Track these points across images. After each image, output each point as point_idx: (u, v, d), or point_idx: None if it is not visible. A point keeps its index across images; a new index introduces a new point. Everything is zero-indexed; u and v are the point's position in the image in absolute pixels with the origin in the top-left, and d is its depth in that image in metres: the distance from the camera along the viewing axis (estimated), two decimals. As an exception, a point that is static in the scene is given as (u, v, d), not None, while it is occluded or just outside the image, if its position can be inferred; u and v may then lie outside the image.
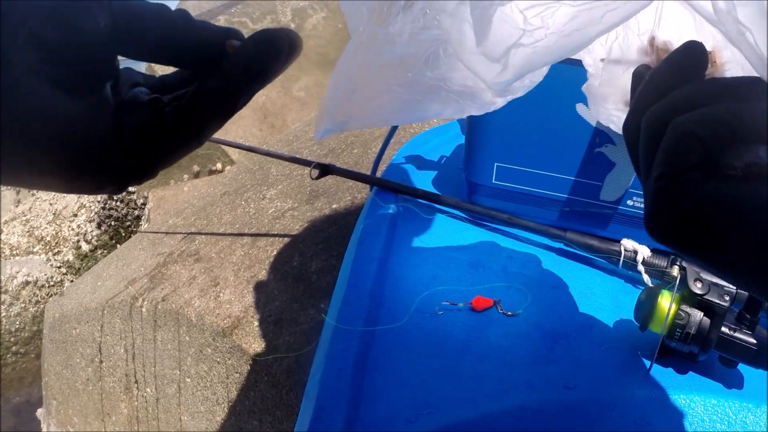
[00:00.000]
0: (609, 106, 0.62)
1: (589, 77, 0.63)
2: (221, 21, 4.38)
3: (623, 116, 0.49)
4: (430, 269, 0.89)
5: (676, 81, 0.40)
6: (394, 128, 1.13)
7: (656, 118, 0.39)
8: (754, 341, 0.70)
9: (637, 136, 0.42)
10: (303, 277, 1.54)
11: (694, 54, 0.41)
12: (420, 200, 1.03)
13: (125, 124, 0.39)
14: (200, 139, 0.42)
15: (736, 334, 0.71)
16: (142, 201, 4.60)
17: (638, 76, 0.49)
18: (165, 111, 0.40)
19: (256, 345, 1.42)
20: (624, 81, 0.57)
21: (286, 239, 1.75)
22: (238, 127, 3.92)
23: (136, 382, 1.95)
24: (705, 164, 0.35)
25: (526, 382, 0.71)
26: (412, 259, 0.91)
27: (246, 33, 0.41)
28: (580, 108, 0.87)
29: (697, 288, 0.72)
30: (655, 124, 0.39)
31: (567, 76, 0.86)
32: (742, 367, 0.73)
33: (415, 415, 0.67)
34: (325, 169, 1.13)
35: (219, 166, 3.90)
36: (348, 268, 0.90)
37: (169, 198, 3.75)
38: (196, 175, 4.04)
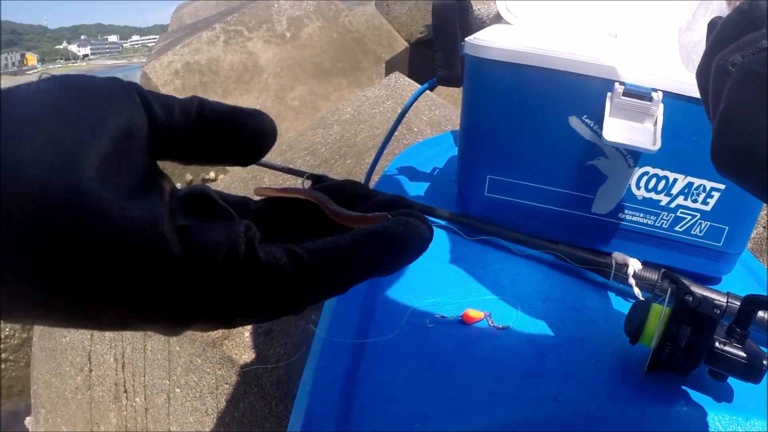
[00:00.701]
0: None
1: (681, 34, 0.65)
2: (217, 29, 4.38)
3: None
4: (421, 282, 0.88)
5: (744, 28, 0.42)
6: (387, 139, 1.13)
7: (725, 61, 0.41)
8: (744, 354, 0.70)
9: (708, 80, 0.43)
10: (295, 288, 1.53)
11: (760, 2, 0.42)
12: (412, 212, 1.02)
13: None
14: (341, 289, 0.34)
15: (726, 348, 0.71)
16: (134, 209, 4.60)
17: (712, 25, 0.50)
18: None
19: (246, 356, 1.41)
20: None
21: (279, 249, 1.74)
22: (232, 136, 3.92)
23: (126, 391, 1.94)
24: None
25: (516, 395, 0.71)
26: (403, 271, 0.91)
27: (242, 41, 0.40)
28: (572, 121, 0.88)
29: (687, 302, 0.72)
30: (724, 67, 0.41)
31: (560, 88, 0.86)
32: (732, 381, 0.73)
33: (406, 429, 0.66)
34: (318, 180, 1.12)
35: (212, 174, 3.89)
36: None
37: (161, 207, 3.74)
38: (189, 184, 4.03)
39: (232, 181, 2.39)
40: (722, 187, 0.89)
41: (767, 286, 1.06)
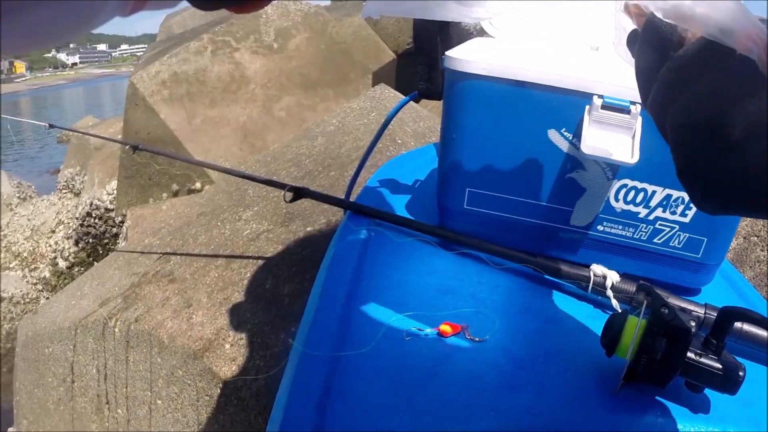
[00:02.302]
0: None
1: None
2: (205, 39, 4.38)
3: None
4: (400, 294, 0.88)
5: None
6: (368, 152, 1.13)
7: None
8: (720, 366, 0.71)
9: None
10: (275, 300, 1.54)
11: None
12: (392, 225, 1.02)
13: None
14: None
15: (702, 359, 0.71)
16: (120, 219, 4.59)
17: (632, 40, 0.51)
18: None
19: (226, 368, 1.41)
20: None
21: (260, 261, 1.75)
22: (219, 147, 3.92)
23: (108, 402, 1.93)
24: None
25: (492, 408, 0.71)
26: (381, 284, 0.91)
27: (229, 52, 0.40)
28: (551, 134, 0.88)
29: (663, 314, 0.72)
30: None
31: (539, 102, 0.87)
32: (708, 392, 0.73)
33: (381, 443, 0.66)
34: (298, 193, 1.13)
35: (198, 185, 3.89)
36: (317, 292, 0.89)
37: (147, 216, 3.74)
38: (175, 194, 4.03)
39: (216, 192, 2.39)
40: (700, 199, 0.90)
41: (747, 296, 1.07)
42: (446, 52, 0.91)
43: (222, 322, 1.55)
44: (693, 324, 0.71)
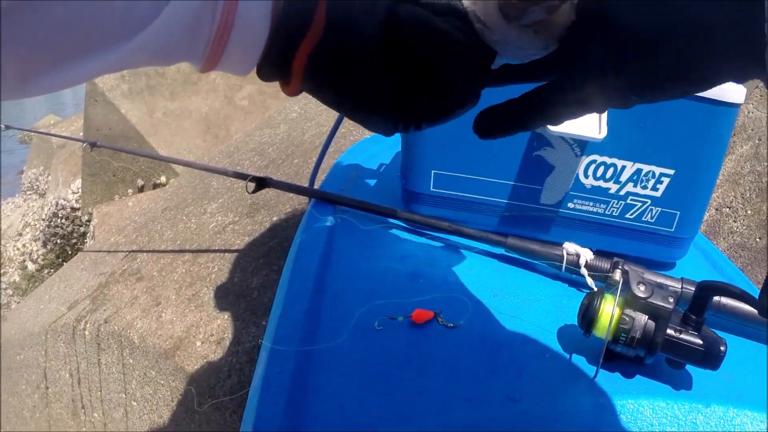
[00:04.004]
0: None
1: None
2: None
3: None
4: (369, 283, 0.86)
5: None
6: (330, 137, 1.11)
7: None
8: (701, 342, 0.69)
9: None
10: (244, 293, 1.51)
11: None
12: (358, 211, 1.00)
13: None
14: None
15: (682, 336, 0.70)
16: (86, 217, 4.53)
17: None
18: None
19: (199, 366, 1.38)
20: None
21: (227, 254, 1.72)
22: (182, 139, 3.87)
23: (83, 407, 1.90)
24: None
25: (468, 395, 0.69)
26: (350, 272, 0.88)
27: None
28: (516, 111, 0.86)
29: (640, 291, 0.70)
30: None
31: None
32: (690, 368, 0.72)
33: (356, 438, 0.64)
34: (261, 183, 1.10)
35: (163, 179, 3.84)
36: (284, 285, 0.87)
37: (113, 214, 3.68)
38: (141, 189, 3.98)
39: (181, 186, 2.36)
40: (672, 172, 0.88)
41: (722, 268, 1.06)
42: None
43: (192, 318, 1.52)
44: (671, 300, 0.70)
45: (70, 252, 5.35)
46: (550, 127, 0.82)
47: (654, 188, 0.90)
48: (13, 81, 0.35)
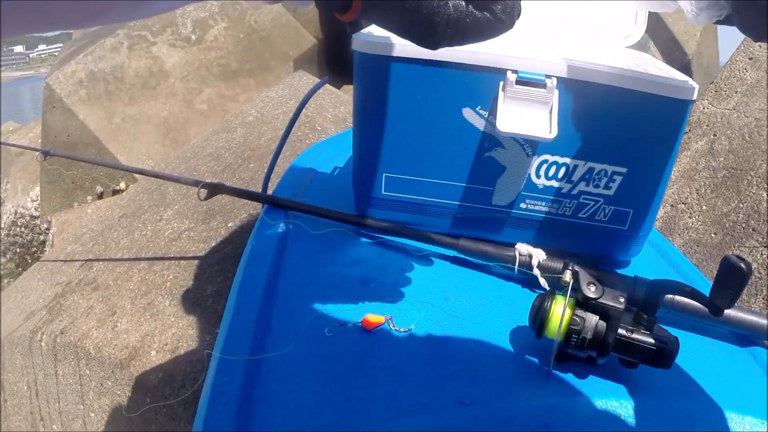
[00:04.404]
0: None
1: None
2: (120, 35, 4.27)
3: None
4: (320, 289, 0.85)
5: None
6: (282, 142, 1.09)
7: None
8: (653, 341, 0.69)
9: None
10: (199, 301, 1.50)
11: None
12: (311, 216, 0.99)
13: None
14: None
15: (634, 335, 0.70)
16: (45, 226, 4.46)
17: None
18: None
19: (153, 376, 1.37)
20: None
21: (183, 262, 1.70)
22: (141, 144, 3.83)
23: (42, 419, 1.87)
24: None
25: (420, 401, 0.68)
26: (301, 279, 0.87)
27: (146, 46, 0.40)
28: (466, 113, 0.85)
29: (590, 292, 0.70)
30: None
31: (452, 80, 0.84)
32: (644, 367, 0.72)
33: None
34: (214, 189, 1.08)
35: (122, 185, 3.80)
36: (234, 294, 0.85)
37: (72, 221, 3.63)
38: (100, 196, 3.92)
39: (137, 192, 2.33)
40: (624, 170, 0.88)
41: (677, 265, 1.06)
42: (354, 35, 0.88)
43: (147, 328, 1.50)
44: (622, 300, 0.70)
45: (30, 261, 5.27)
46: (500, 128, 0.81)
47: (606, 187, 0.90)
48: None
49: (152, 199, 2.17)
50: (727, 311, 0.85)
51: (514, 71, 0.82)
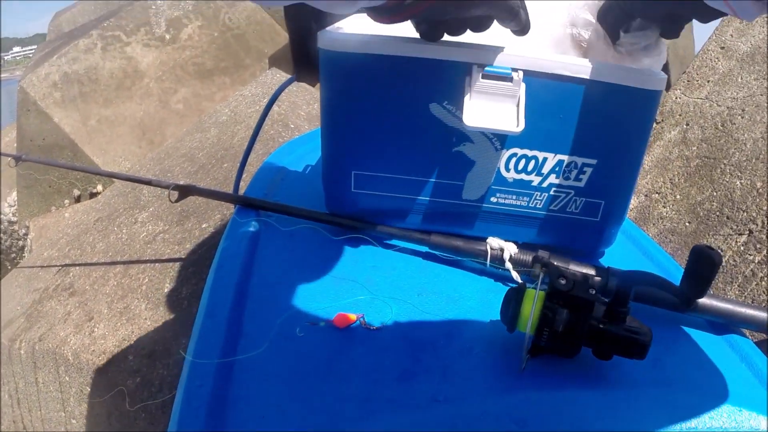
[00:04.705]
0: None
1: None
2: (94, 36, 4.23)
3: None
4: (292, 288, 0.84)
5: None
6: (251, 141, 1.09)
7: None
8: (625, 332, 0.69)
9: None
10: (175, 304, 1.49)
11: None
12: (282, 215, 0.98)
13: None
14: None
15: (606, 327, 0.70)
16: (24, 231, 4.41)
17: None
18: None
19: (131, 381, 1.36)
20: None
21: (158, 265, 1.69)
22: (117, 146, 3.80)
23: (24, 427, 1.86)
24: None
25: (392, 399, 0.68)
26: (272, 279, 0.87)
27: (120, 47, 0.38)
28: (433, 108, 0.85)
29: (560, 284, 0.70)
30: None
31: (418, 75, 0.83)
32: (619, 358, 0.72)
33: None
34: (184, 191, 1.07)
35: (100, 188, 3.77)
36: (206, 296, 0.85)
37: (50, 226, 3.61)
38: (78, 200, 3.90)
39: (113, 195, 2.31)
40: (594, 162, 0.88)
41: (651, 254, 1.07)
42: (319, 31, 0.87)
43: (123, 332, 1.49)
44: (593, 292, 0.70)
45: (9, 267, 5.23)
46: (467, 123, 0.81)
47: (577, 179, 0.90)
48: None
49: (127, 201, 2.15)
50: (701, 300, 0.85)
51: (480, 65, 0.82)
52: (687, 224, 1.36)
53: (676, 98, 1.78)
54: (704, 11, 0.74)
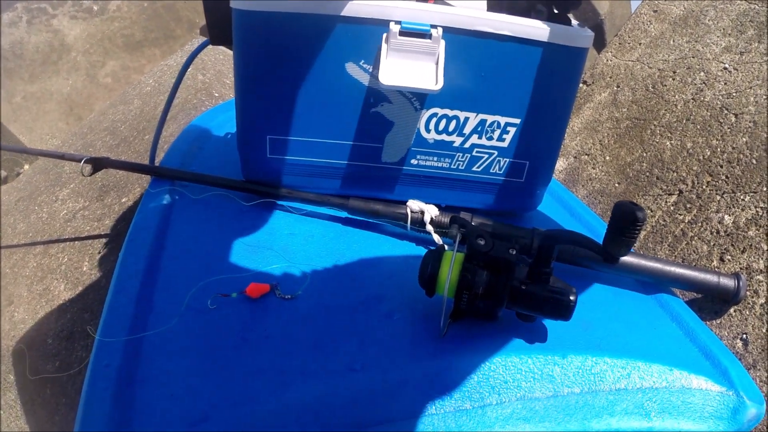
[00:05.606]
0: None
1: None
2: (18, 9, 4.10)
3: None
4: (205, 260, 0.81)
5: None
6: (165, 110, 1.04)
7: None
8: (549, 293, 0.68)
9: None
10: (93, 283, 1.44)
11: None
12: (197, 185, 0.94)
13: None
14: None
15: (529, 288, 0.68)
16: (-49, 214, 4.28)
17: None
18: None
19: (50, 365, 1.32)
20: None
21: (77, 243, 1.64)
22: (44, 123, 3.69)
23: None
24: None
25: (307, 369, 0.65)
26: (185, 251, 0.83)
27: (46, 20, 0.34)
28: (349, 68, 0.82)
29: (479, 245, 0.67)
30: None
31: (333, 34, 0.80)
32: (546, 321, 0.71)
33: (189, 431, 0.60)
34: (98, 164, 1.02)
35: (26, 167, 3.66)
36: (116, 273, 0.81)
37: (-23, 209, 3.49)
38: (5, 181, 3.78)
39: (34, 173, 2.24)
40: (517, 121, 0.87)
41: (579, 215, 1.06)
42: (230, -9, 0.83)
43: (42, 315, 1.44)
44: (514, 252, 0.68)
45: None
46: (383, 81, 0.78)
47: (500, 139, 0.88)
48: None
49: (49, 179, 2.08)
50: (628, 259, 0.84)
51: (398, 22, 0.79)
52: (617, 185, 1.35)
53: (608, 60, 1.77)
54: None
